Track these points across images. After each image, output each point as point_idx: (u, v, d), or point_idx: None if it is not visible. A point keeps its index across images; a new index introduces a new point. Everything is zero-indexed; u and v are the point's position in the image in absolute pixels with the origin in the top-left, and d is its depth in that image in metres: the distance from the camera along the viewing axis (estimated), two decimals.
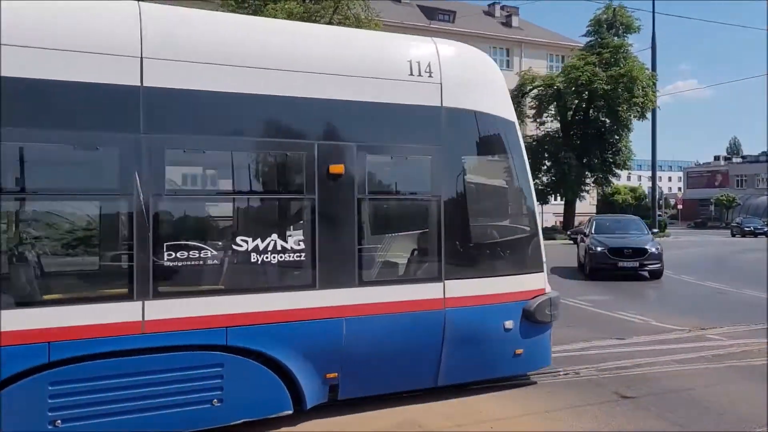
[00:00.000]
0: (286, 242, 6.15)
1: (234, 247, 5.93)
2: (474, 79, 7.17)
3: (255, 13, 25.30)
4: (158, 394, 5.50)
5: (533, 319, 7.21)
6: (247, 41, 6.23)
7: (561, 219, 45.61)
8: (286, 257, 6.11)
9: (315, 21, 24.70)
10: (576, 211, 45.03)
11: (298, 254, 6.17)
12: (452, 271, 6.76)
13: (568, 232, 37.54)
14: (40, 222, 5.56)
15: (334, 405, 6.47)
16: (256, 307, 5.91)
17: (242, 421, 5.86)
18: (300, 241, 6.19)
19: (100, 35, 5.47)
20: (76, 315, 5.26)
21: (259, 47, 6.23)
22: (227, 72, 5.93)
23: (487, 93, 7.26)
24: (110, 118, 5.51)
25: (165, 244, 5.65)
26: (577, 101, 41.69)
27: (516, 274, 7.28)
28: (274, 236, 6.09)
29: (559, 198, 44.49)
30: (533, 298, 7.24)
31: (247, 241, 5.94)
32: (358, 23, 26.94)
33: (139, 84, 5.57)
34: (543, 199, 41.44)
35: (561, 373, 8.01)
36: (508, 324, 7.08)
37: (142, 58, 5.57)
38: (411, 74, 6.73)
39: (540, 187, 41.23)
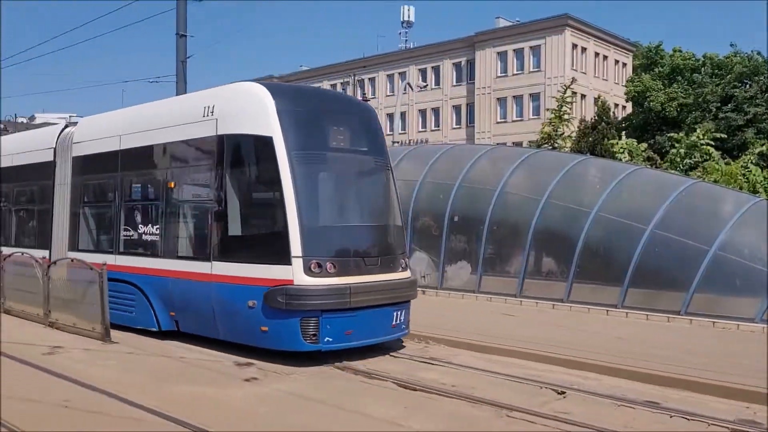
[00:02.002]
0: (151, 229, 10.82)
1: (124, 231, 11.40)
2: (238, 110, 9.66)
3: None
4: (119, 302, 10.85)
5: (270, 304, 8.80)
6: (142, 119, 11.59)
7: None
8: (149, 238, 10.86)
9: None
10: None
11: (154, 236, 10.76)
12: (217, 254, 9.56)
13: None
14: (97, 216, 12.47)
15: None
16: (139, 263, 10.88)
17: (141, 327, 10.85)
18: (157, 228, 10.74)
19: (107, 128, 12.23)
20: (96, 258, 10.96)
21: (147, 120, 11.41)
22: (134, 137, 11.40)
23: (247, 119, 9.52)
24: (112, 165, 11.76)
25: (123, 226, 11.47)
26: None
27: (260, 263, 9.06)
28: (148, 225, 10.90)
29: None
30: (275, 286, 8.77)
31: (135, 227, 11.16)
32: None
33: (119, 148, 11.70)
34: None
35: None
36: (251, 303, 8.99)
37: (120, 136, 11.76)
38: (203, 116, 9.98)
39: None
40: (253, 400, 7.49)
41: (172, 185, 10.47)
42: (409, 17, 64.53)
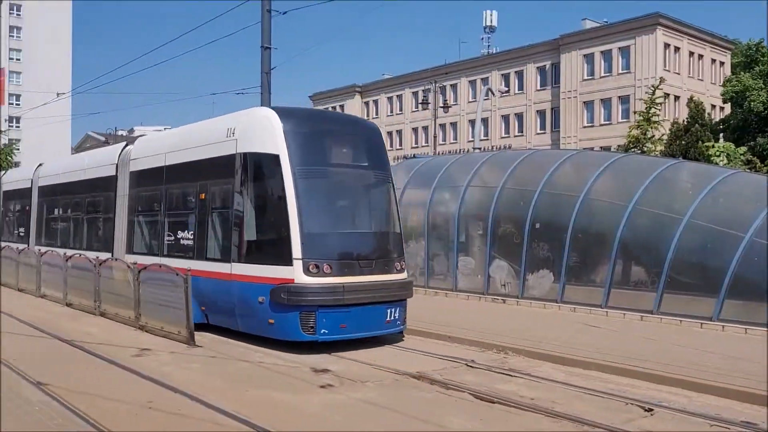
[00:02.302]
0: (187, 234, 12.47)
1: (168, 236, 13.14)
2: (253, 131, 11.13)
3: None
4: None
5: (275, 300, 10.07)
6: (182, 139, 13.43)
7: None
8: (186, 242, 12.48)
9: None
10: None
11: (189, 241, 12.36)
12: (235, 256, 10.98)
13: None
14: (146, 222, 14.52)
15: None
16: (179, 264, 11.71)
17: None
18: (191, 233, 12.36)
19: (156, 146, 14.27)
20: (147, 259, 13.10)
21: (185, 140, 13.19)
22: (175, 154, 13.17)
23: (259, 139, 10.94)
24: (159, 179, 13.56)
25: (167, 232, 13.13)
26: None
27: (268, 264, 10.38)
28: (185, 231, 12.56)
29: None
30: (279, 284, 10.08)
31: (175, 233, 12.88)
32: None
33: (164, 164, 13.50)
34: None
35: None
36: (261, 299, 10.33)
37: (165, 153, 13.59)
38: (226, 137, 11.49)
39: None
40: (328, 407, 7.52)
41: (203, 197, 12.04)
42: (491, 22, 64.00)
